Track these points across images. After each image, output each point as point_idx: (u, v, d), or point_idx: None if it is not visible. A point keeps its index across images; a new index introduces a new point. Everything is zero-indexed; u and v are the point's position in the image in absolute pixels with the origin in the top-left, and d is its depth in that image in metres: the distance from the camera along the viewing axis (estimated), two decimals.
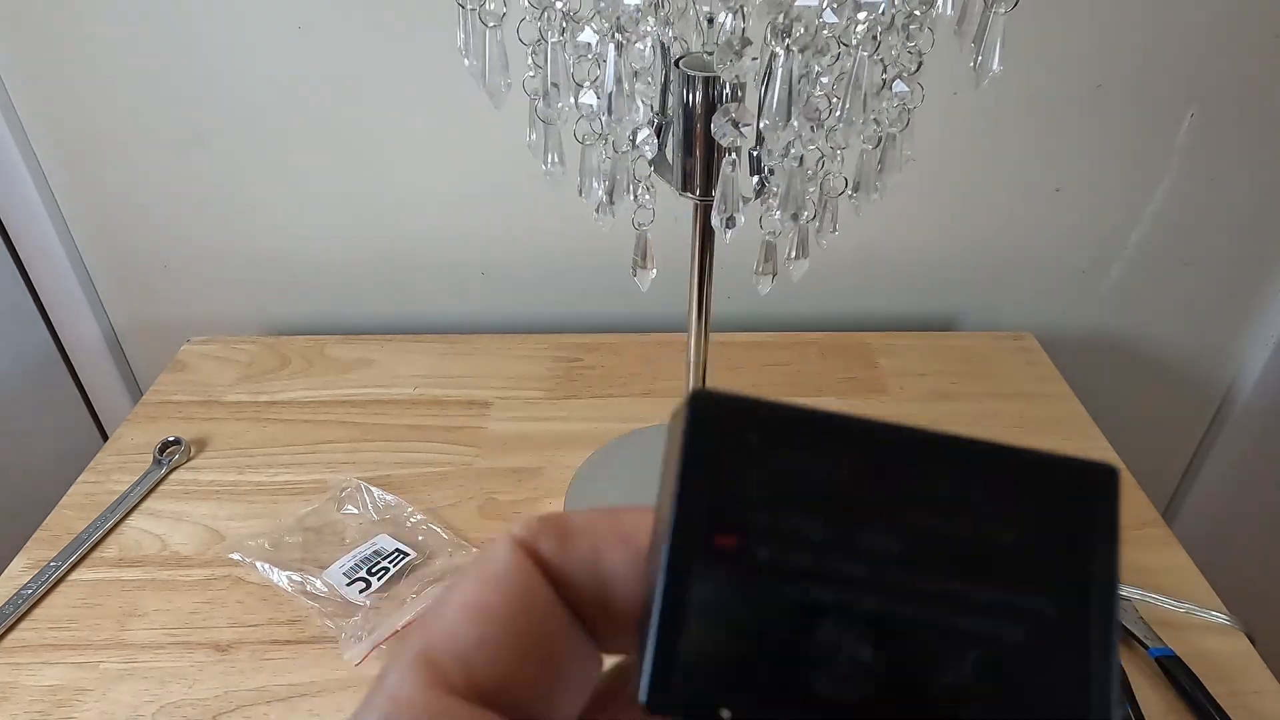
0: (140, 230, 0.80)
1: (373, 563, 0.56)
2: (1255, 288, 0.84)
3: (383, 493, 0.62)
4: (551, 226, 0.80)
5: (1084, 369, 0.84)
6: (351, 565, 0.56)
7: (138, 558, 0.59)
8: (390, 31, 0.70)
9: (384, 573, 0.55)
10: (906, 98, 0.39)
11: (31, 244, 0.79)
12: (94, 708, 0.49)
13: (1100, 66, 0.72)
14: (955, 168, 0.77)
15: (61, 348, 0.85)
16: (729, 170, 0.40)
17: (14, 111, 0.73)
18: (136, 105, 0.73)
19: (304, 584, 0.55)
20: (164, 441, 0.67)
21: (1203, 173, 0.77)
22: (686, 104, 0.41)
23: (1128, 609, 0.53)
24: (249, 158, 0.76)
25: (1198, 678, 0.49)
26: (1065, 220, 0.80)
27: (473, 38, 0.39)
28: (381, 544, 0.58)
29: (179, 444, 0.67)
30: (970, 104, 0.73)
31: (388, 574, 0.55)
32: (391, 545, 0.58)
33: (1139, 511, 0.62)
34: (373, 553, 0.57)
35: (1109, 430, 0.70)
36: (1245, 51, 0.71)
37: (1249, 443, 0.91)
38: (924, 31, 0.37)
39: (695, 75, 0.41)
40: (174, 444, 0.67)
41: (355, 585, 0.55)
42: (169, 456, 0.66)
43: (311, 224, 0.80)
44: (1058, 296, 0.85)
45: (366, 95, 0.73)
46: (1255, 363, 0.87)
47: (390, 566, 0.56)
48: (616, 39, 0.36)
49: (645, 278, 0.45)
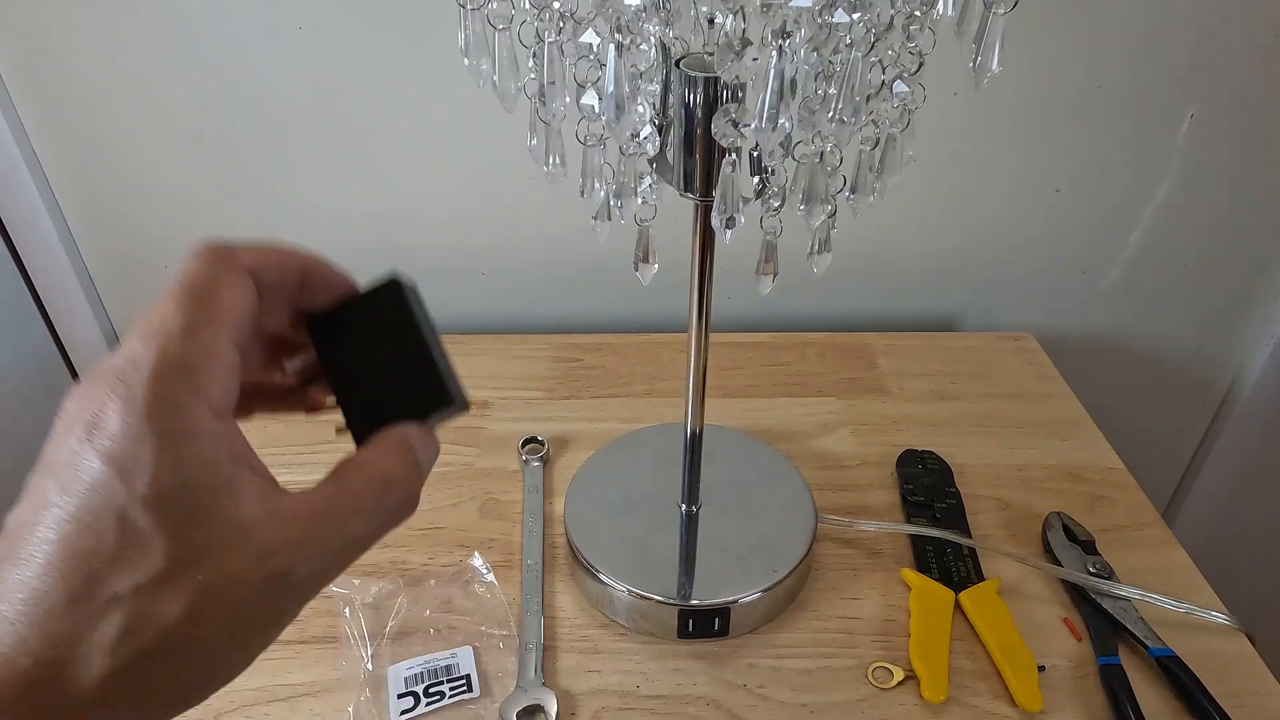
0: (140, 230, 0.80)
1: (435, 681, 0.50)
2: (1255, 288, 0.84)
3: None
4: (552, 227, 0.80)
5: (1084, 369, 0.84)
6: (415, 674, 0.51)
7: None
8: (391, 31, 0.70)
9: (437, 699, 0.49)
10: (907, 98, 0.39)
11: (31, 244, 0.79)
12: None
13: (1100, 67, 0.72)
14: (955, 168, 0.77)
15: (62, 348, 0.85)
16: (729, 170, 0.40)
17: (14, 111, 0.73)
18: (137, 105, 0.73)
19: (362, 662, 0.52)
20: (524, 439, 0.68)
21: (1203, 173, 0.77)
22: (687, 104, 0.41)
23: (1128, 609, 0.53)
24: (249, 158, 0.76)
25: (1198, 678, 0.49)
26: (1065, 220, 0.80)
27: (473, 38, 0.39)
28: (459, 659, 0.52)
29: (539, 442, 0.68)
30: (970, 104, 0.73)
31: (439, 702, 0.49)
32: (467, 667, 0.51)
33: (1139, 511, 0.62)
34: (444, 667, 0.51)
35: (1109, 430, 0.70)
36: (1245, 52, 0.71)
37: (1249, 443, 0.91)
38: (924, 32, 0.37)
39: (695, 76, 0.41)
40: (534, 441, 0.68)
41: (404, 700, 0.49)
42: (532, 454, 0.66)
43: (311, 223, 0.80)
44: (1058, 296, 0.85)
45: (367, 95, 0.73)
46: (1255, 363, 0.87)
47: (446, 692, 0.50)
48: (617, 40, 0.36)
49: (647, 272, 0.45)
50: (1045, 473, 0.66)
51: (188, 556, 0.22)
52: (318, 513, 0.25)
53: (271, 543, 0.24)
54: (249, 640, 0.24)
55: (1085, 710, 0.49)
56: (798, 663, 0.52)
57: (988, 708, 0.49)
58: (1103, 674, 0.50)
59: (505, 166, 0.76)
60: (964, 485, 0.64)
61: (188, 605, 0.22)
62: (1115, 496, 0.63)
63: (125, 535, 0.22)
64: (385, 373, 0.29)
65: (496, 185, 0.78)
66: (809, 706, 0.50)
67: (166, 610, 0.22)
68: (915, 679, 0.50)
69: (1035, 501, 0.63)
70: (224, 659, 0.24)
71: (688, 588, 0.53)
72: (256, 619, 0.24)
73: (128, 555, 0.22)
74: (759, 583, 0.53)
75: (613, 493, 0.60)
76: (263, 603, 0.24)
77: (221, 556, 0.23)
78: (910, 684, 0.50)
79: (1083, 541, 0.58)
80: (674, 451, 0.59)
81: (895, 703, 0.50)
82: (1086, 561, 0.56)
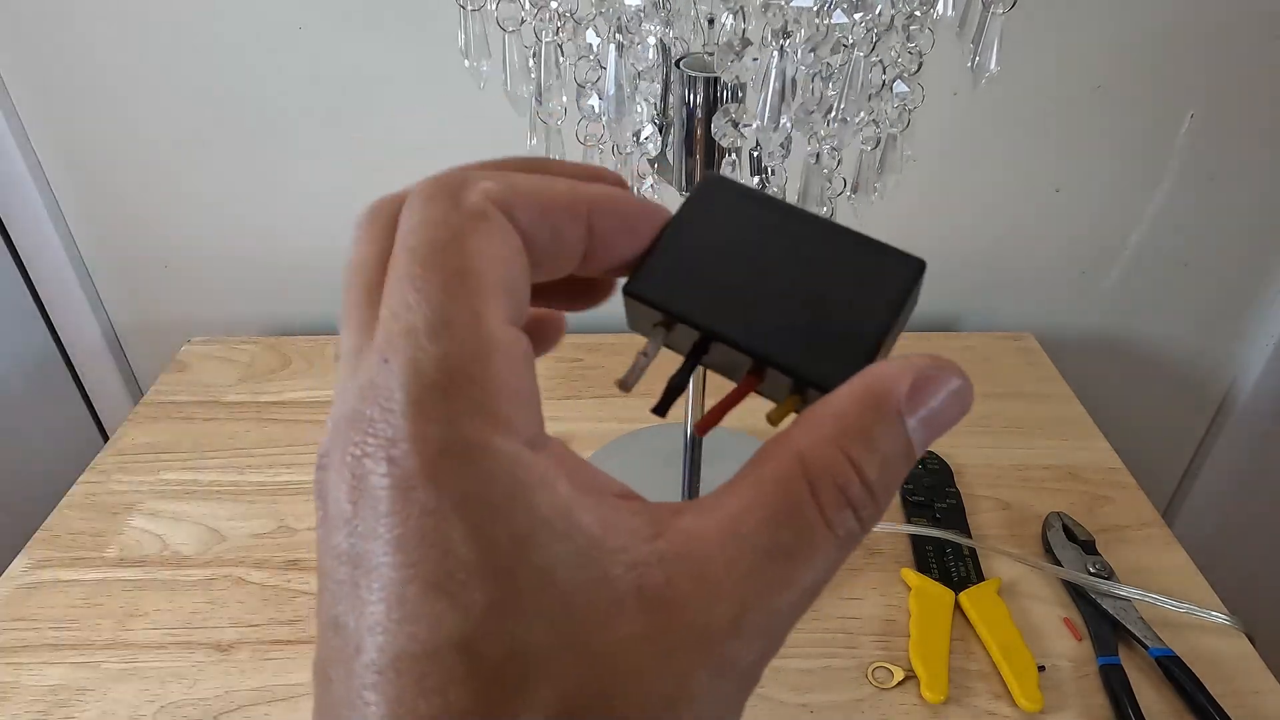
0: (140, 230, 0.80)
1: None
2: (1255, 288, 0.84)
3: None
4: None
5: (1084, 369, 0.84)
6: None
7: (138, 558, 0.59)
8: (391, 32, 0.70)
9: None
10: (906, 98, 0.39)
11: (31, 244, 0.79)
12: (94, 708, 0.49)
13: (1100, 67, 0.72)
14: (955, 168, 0.77)
15: (62, 348, 0.85)
16: (729, 171, 0.40)
17: (14, 111, 0.73)
18: (137, 105, 0.73)
19: None
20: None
21: (1203, 173, 0.77)
22: (687, 105, 0.42)
23: (1128, 609, 0.53)
24: (250, 158, 0.76)
25: (1198, 678, 0.49)
26: (1065, 220, 0.80)
27: (474, 39, 0.39)
28: None
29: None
30: (970, 104, 0.73)
31: None
32: None
33: (1139, 511, 0.62)
34: None
35: (1109, 430, 0.70)
36: (1245, 52, 0.71)
37: (1249, 443, 0.91)
38: (924, 32, 0.37)
39: (696, 76, 0.41)
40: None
41: None
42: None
43: (313, 224, 0.80)
44: (1058, 296, 0.85)
45: (367, 95, 0.73)
46: (1255, 363, 0.87)
47: None
48: (618, 40, 0.36)
49: None
50: (1045, 473, 0.66)
51: (581, 693, 0.14)
52: (758, 552, 0.15)
53: (689, 636, 0.14)
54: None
55: (1085, 710, 0.49)
56: (798, 662, 0.52)
57: (988, 708, 0.49)
58: (1103, 674, 0.50)
59: None
60: (964, 485, 0.64)
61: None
62: (1115, 496, 0.63)
63: (476, 683, 0.13)
64: (790, 286, 0.19)
65: None
66: (809, 706, 0.50)
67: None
68: (915, 679, 0.50)
69: (1035, 501, 0.63)
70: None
71: None
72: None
73: (489, 710, 0.13)
74: None
75: None
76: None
77: (616, 687, 0.14)
78: (910, 684, 0.50)
79: (1083, 541, 0.58)
80: (674, 452, 0.59)
81: (895, 703, 0.50)
82: (1086, 561, 0.56)
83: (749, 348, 0.18)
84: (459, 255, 0.16)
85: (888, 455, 0.16)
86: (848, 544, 0.16)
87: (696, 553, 0.15)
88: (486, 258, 0.16)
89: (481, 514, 0.14)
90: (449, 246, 0.16)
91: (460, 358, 0.15)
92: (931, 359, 0.16)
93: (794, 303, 0.18)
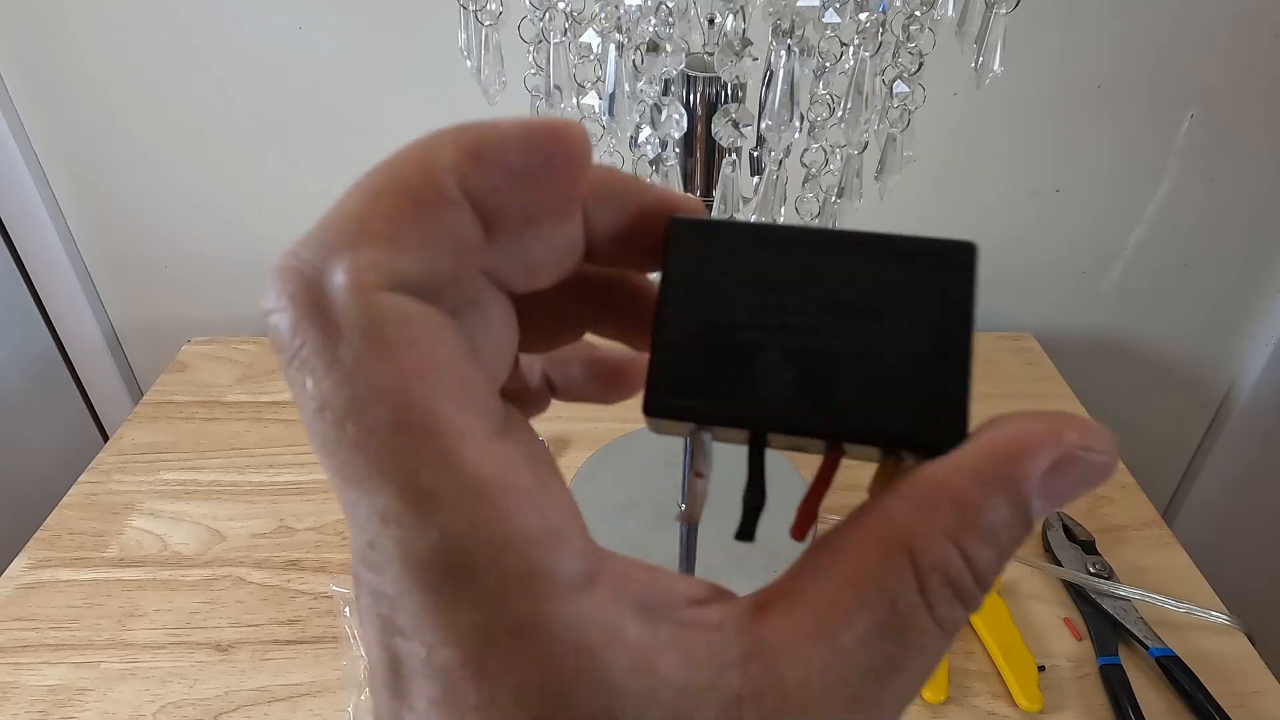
0: (140, 230, 0.80)
1: None
2: (1255, 288, 0.84)
3: None
4: None
5: (1084, 369, 0.84)
6: None
7: (138, 558, 0.59)
8: (391, 32, 0.70)
9: None
10: (907, 98, 0.39)
11: (31, 244, 0.79)
12: (94, 708, 0.49)
13: (1100, 68, 0.72)
14: (955, 168, 0.77)
15: (62, 348, 0.85)
16: (729, 171, 0.40)
17: (14, 111, 0.73)
18: (137, 105, 0.73)
19: (363, 662, 0.50)
20: None
21: (1203, 173, 0.77)
22: (687, 105, 0.41)
23: (1128, 609, 0.53)
24: (249, 158, 0.76)
25: (1198, 678, 0.49)
26: (1065, 220, 0.80)
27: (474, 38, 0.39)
28: None
29: None
30: (970, 104, 0.73)
31: None
32: None
33: (1139, 511, 0.62)
34: None
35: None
36: (1245, 53, 0.71)
37: (1249, 443, 0.91)
38: (925, 32, 0.37)
39: (696, 76, 0.41)
40: None
41: None
42: None
43: (312, 224, 0.80)
44: (1058, 296, 0.85)
45: (367, 95, 0.73)
46: (1255, 363, 0.87)
47: None
48: (617, 40, 0.36)
49: None
50: None
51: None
52: (863, 673, 0.13)
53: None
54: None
55: (1085, 710, 0.49)
56: None
57: (988, 708, 0.49)
58: (1103, 674, 0.50)
59: None
60: None
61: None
62: (1115, 496, 0.63)
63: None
64: (834, 330, 0.15)
65: None
66: None
67: None
68: None
69: None
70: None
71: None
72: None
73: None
74: (759, 583, 0.52)
75: (613, 493, 0.60)
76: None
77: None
78: None
79: (1083, 541, 0.58)
80: (674, 452, 0.59)
81: None
82: (1086, 561, 0.56)
83: (820, 430, 0.15)
84: (391, 402, 0.12)
85: (1008, 541, 0.13)
86: (952, 638, 0.13)
87: (791, 679, 0.12)
88: (432, 380, 0.12)
89: (545, 704, 0.12)
90: (370, 399, 0.12)
91: (460, 534, 0.12)
92: (1077, 425, 0.14)
93: (847, 350, 0.15)
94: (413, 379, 0.12)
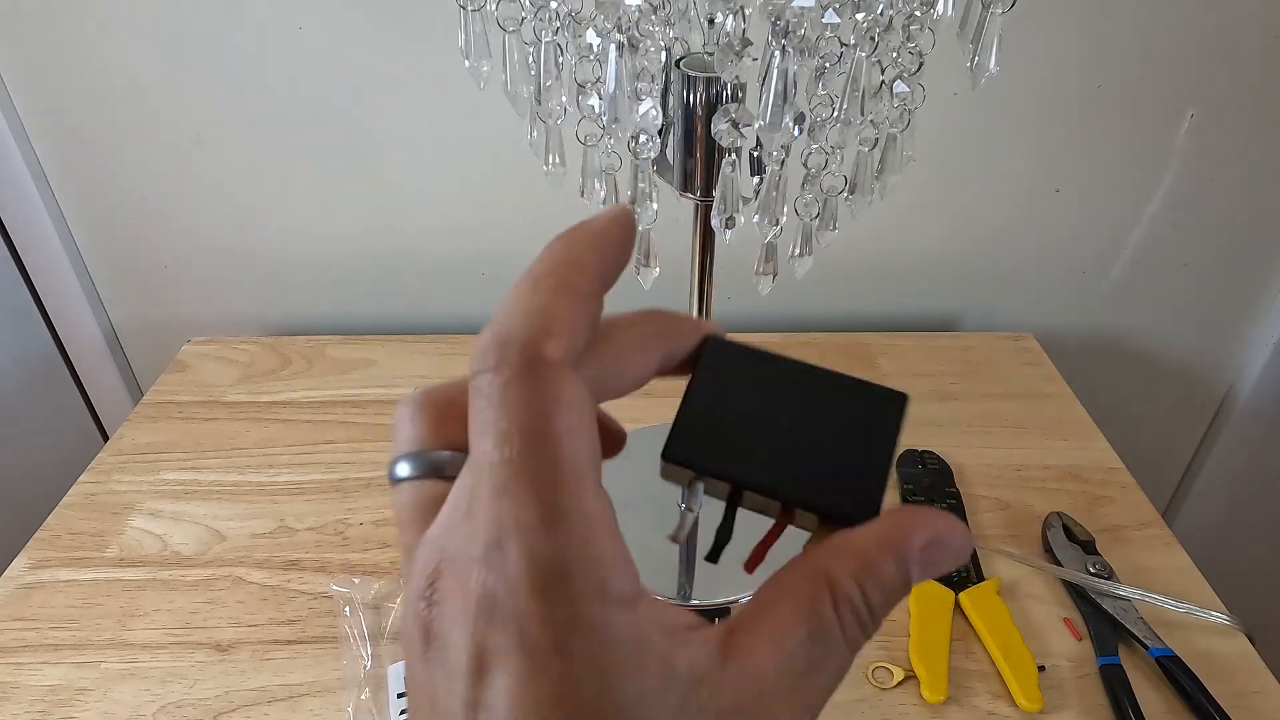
0: (140, 230, 0.80)
1: None
2: (1255, 288, 0.84)
3: None
4: (552, 227, 0.80)
5: (1084, 369, 0.84)
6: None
7: (138, 558, 0.59)
8: (391, 32, 0.70)
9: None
10: (907, 98, 0.39)
11: (31, 244, 0.79)
12: (94, 708, 0.49)
13: (1100, 68, 0.72)
14: (955, 168, 0.77)
15: (61, 348, 0.85)
16: (729, 171, 0.40)
17: (14, 111, 0.73)
18: (137, 105, 0.73)
19: (362, 662, 0.51)
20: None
21: (1202, 174, 0.77)
22: (687, 105, 0.41)
23: (1128, 609, 0.53)
24: (249, 158, 0.76)
25: (1198, 678, 0.49)
26: (1065, 220, 0.80)
27: (474, 39, 0.39)
28: None
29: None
30: (970, 104, 0.73)
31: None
32: None
33: (1139, 511, 0.62)
34: None
35: (1109, 430, 0.70)
36: (1244, 53, 0.71)
37: (1249, 443, 0.91)
38: (924, 32, 0.37)
39: (696, 76, 0.41)
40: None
41: (404, 700, 0.48)
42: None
43: (312, 224, 0.80)
44: (1058, 296, 0.85)
45: (367, 95, 0.73)
46: (1255, 363, 0.87)
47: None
48: (617, 40, 0.36)
49: (648, 276, 0.45)
50: (1045, 473, 0.66)
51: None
52: (800, 666, 0.19)
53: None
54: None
55: (1085, 710, 0.49)
56: None
57: (988, 708, 0.49)
58: (1103, 674, 0.50)
59: (506, 166, 0.76)
60: (964, 485, 0.64)
61: None
62: (1115, 496, 0.63)
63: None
64: (802, 433, 0.22)
65: (497, 185, 0.78)
66: None
67: None
68: (915, 679, 0.50)
69: (1035, 501, 0.63)
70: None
71: (688, 588, 0.53)
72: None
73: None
74: (759, 583, 0.53)
75: (613, 493, 0.60)
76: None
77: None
78: (910, 684, 0.50)
79: (1083, 541, 0.58)
80: None
81: (895, 703, 0.50)
82: (1086, 561, 0.56)
83: (782, 495, 0.21)
84: (552, 445, 0.17)
85: (893, 591, 0.19)
86: (855, 653, 0.19)
87: (753, 673, 0.18)
88: (577, 436, 0.18)
89: (607, 679, 0.16)
90: (541, 439, 0.17)
91: (570, 548, 0.17)
92: (946, 521, 0.20)
93: (808, 448, 0.21)
94: (565, 434, 0.17)
